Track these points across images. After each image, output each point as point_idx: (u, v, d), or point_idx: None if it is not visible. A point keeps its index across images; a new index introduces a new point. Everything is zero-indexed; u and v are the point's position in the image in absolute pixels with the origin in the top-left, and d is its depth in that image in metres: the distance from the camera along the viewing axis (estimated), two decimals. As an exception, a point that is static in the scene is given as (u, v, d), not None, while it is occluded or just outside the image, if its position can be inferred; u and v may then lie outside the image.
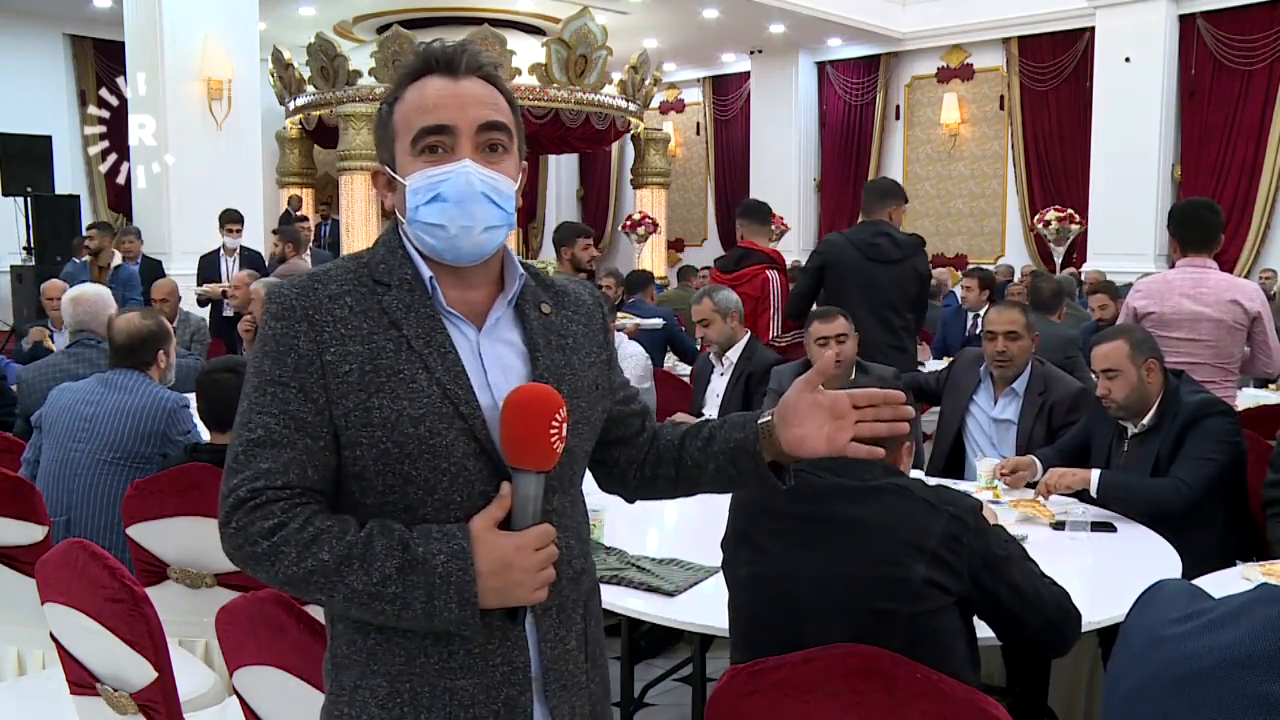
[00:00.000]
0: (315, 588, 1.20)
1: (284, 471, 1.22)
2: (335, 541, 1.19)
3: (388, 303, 1.28)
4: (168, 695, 1.90)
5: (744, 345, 4.42)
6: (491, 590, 1.20)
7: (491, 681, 1.27)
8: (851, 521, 1.89)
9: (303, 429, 1.23)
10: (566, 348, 1.35)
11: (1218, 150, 11.29)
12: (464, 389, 1.26)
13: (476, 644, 1.26)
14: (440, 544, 1.20)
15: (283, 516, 1.20)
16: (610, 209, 16.59)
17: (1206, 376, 3.75)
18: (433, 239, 1.28)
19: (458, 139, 1.28)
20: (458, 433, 1.24)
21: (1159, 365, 3.13)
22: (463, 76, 1.30)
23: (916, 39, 13.41)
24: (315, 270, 1.33)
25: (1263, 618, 1.11)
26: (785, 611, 1.90)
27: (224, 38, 8.55)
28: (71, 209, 9.79)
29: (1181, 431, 3.03)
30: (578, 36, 10.26)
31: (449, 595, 1.18)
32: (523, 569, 1.22)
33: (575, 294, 1.43)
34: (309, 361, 1.24)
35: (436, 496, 1.25)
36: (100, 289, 4.40)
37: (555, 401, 1.23)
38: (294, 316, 1.26)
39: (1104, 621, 2.26)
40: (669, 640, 3.76)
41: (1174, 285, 3.92)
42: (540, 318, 1.35)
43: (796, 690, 1.60)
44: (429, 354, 1.26)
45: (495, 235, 1.30)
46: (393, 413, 1.23)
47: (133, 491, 2.66)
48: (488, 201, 1.28)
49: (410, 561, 1.18)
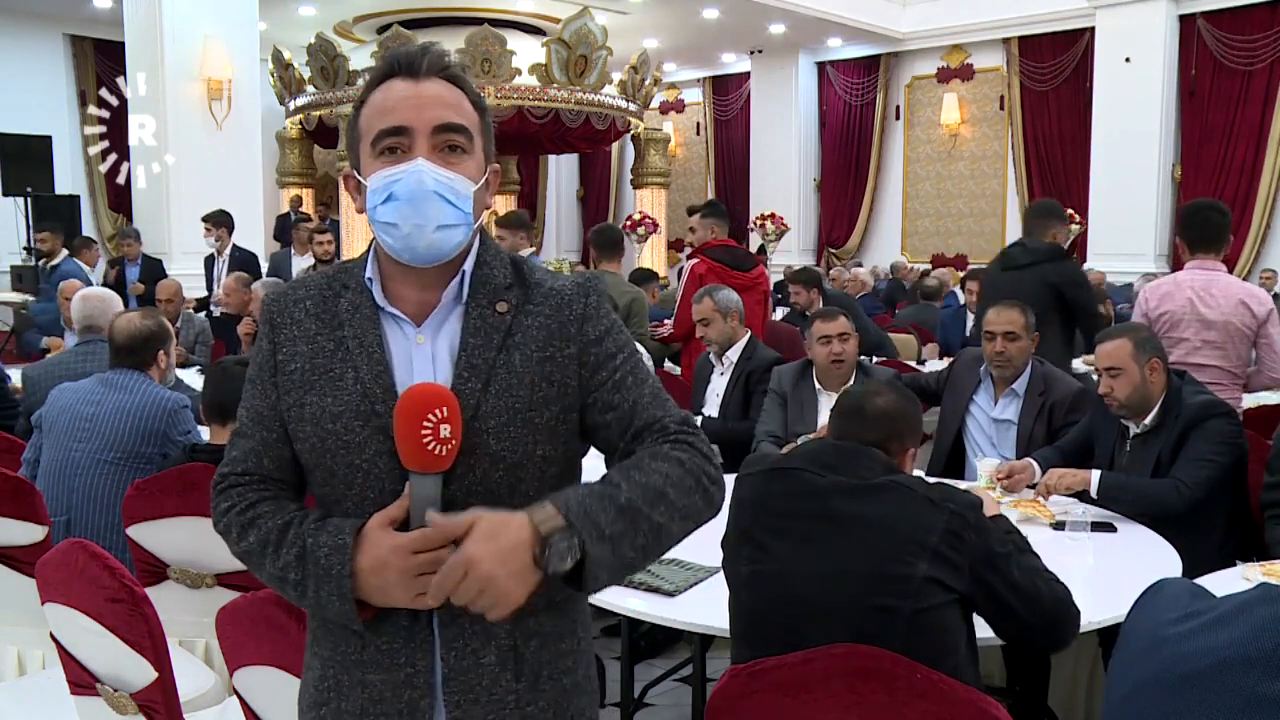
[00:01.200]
0: (251, 567, 1.34)
1: (244, 459, 1.36)
2: (262, 525, 1.31)
3: (342, 305, 1.35)
4: (168, 695, 1.90)
5: (744, 345, 4.41)
6: (372, 588, 1.24)
7: (397, 680, 1.30)
8: (853, 519, 1.90)
9: (261, 422, 1.36)
10: (509, 345, 1.31)
11: (1218, 150, 11.28)
12: (383, 387, 1.29)
13: (384, 640, 1.30)
14: (329, 537, 1.26)
15: (235, 500, 1.34)
16: (610, 209, 16.58)
17: (1214, 379, 3.74)
18: (389, 238, 1.30)
19: (414, 139, 1.29)
20: (371, 430, 1.28)
21: (1162, 365, 3.12)
22: (424, 78, 1.32)
23: (916, 39, 13.41)
24: (298, 277, 1.43)
25: (1261, 617, 1.11)
26: (787, 609, 1.91)
27: (224, 38, 8.55)
28: (71, 209, 9.79)
29: (1183, 432, 3.03)
30: (578, 36, 10.25)
31: (330, 587, 1.25)
32: (397, 570, 1.22)
33: (551, 288, 1.36)
34: (266, 360, 1.36)
35: (353, 492, 1.30)
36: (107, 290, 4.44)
37: (431, 402, 1.21)
38: (263, 319, 1.39)
39: (1104, 621, 2.26)
40: (669, 640, 3.76)
41: (1183, 286, 3.92)
42: (489, 316, 1.32)
43: (796, 690, 1.60)
44: (359, 353, 1.31)
45: (450, 235, 1.29)
46: (319, 409, 1.30)
47: (133, 491, 2.66)
48: (441, 200, 1.28)
49: (302, 552, 1.26)
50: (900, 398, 2.18)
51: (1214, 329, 3.83)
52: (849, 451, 2.03)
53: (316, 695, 1.35)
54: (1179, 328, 3.85)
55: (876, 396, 2.15)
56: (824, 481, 1.95)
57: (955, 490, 1.95)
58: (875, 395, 2.15)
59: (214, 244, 7.80)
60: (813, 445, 2.17)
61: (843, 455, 2.02)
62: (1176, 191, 11.48)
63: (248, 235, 8.48)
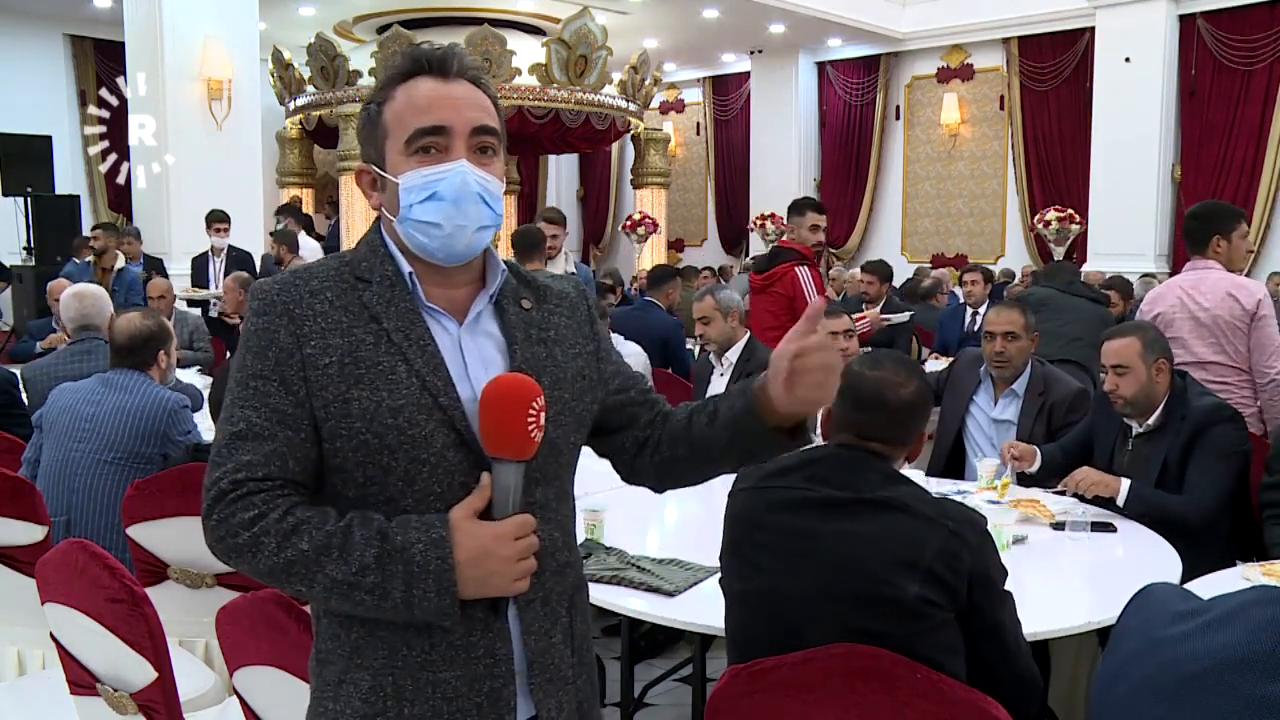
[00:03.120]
0: (296, 578, 1.21)
1: (265, 463, 1.24)
2: (315, 531, 1.21)
3: (368, 298, 1.30)
4: (168, 695, 1.90)
5: (743, 345, 4.42)
6: (471, 580, 1.22)
7: (475, 674, 1.27)
8: (842, 538, 1.82)
9: (283, 421, 1.25)
10: (548, 340, 1.37)
11: (1218, 150, 11.28)
12: (443, 380, 1.28)
13: (459, 636, 1.26)
14: (419, 533, 1.21)
15: (263, 507, 1.22)
16: (610, 209, 16.58)
17: (1219, 376, 3.73)
18: (426, 237, 1.30)
19: (452, 140, 1.30)
20: (437, 423, 1.26)
21: (1169, 366, 3.12)
22: (454, 79, 1.32)
23: (916, 39, 13.40)
24: (297, 268, 1.36)
25: (1258, 619, 1.11)
26: (777, 628, 1.85)
27: (224, 38, 8.54)
28: (71, 209, 9.77)
29: (1191, 438, 3.02)
30: (578, 36, 10.25)
31: (428, 584, 1.20)
32: (501, 558, 1.23)
33: (559, 289, 1.44)
34: (289, 355, 1.26)
35: (416, 488, 1.26)
36: (99, 288, 4.42)
37: (532, 390, 1.24)
38: (275, 311, 1.28)
39: (1104, 621, 2.26)
40: (669, 640, 3.76)
41: (1174, 287, 3.95)
42: (520, 312, 1.37)
43: (796, 690, 1.60)
44: (408, 346, 1.28)
45: (486, 235, 1.33)
46: (371, 404, 1.25)
47: (133, 491, 2.66)
48: (482, 202, 1.30)
49: (388, 551, 1.20)
50: (921, 383, 1.99)
51: (1205, 325, 3.82)
52: (849, 462, 1.90)
53: (367, 708, 1.27)
54: (1173, 327, 3.84)
55: (900, 386, 1.94)
56: (817, 496, 1.87)
57: (962, 509, 1.86)
58: (898, 385, 1.94)
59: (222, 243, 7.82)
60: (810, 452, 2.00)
61: (842, 466, 1.90)
62: (1176, 191, 11.48)
63: (248, 236, 8.48)
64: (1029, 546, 2.75)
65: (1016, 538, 2.74)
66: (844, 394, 1.93)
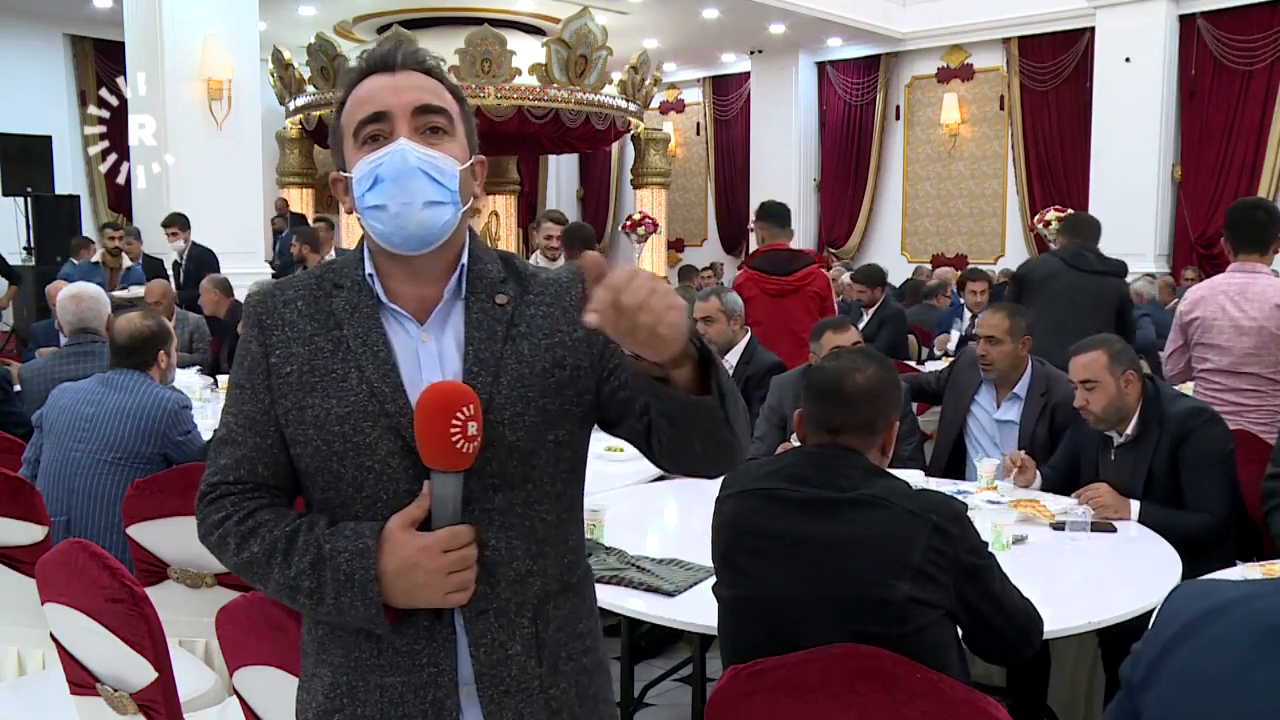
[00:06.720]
0: (254, 578, 1.30)
1: (236, 468, 1.31)
2: (266, 534, 1.27)
3: (337, 304, 1.32)
4: (168, 695, 1.90)
5: (743, 348, 4.41)
6: (398, 590, 1.23)
7: (419, 681, 1.28)
8: (829, 540, 1.82)
9: (253, 428, 1.31)
10: (515, 335, 1.32)
11: (1218, 150, 11.27)
12: (391, 386, 1.28)
13: (403, 643, 1.28)
14: (347, 542, 1.24)
15: (230, 510, 1.30)
16: (610, 209, 16.57)
17: (1253, 385, 3.65)
18: (379, 223, 1.29)
19: (394, 124, 1.29)
20: (382, 430, 1.26)
21: (1138, 375, 3.09)
22: (400, 71, 1.32)
23: (916, 39, 13.39)
24: (282, 278, 1.40)
25: None
26: (769, 635, 1.84)
27: (224, 38, 8.53)
28: (71, 209, 9.78)
29: (1174, 445, 2.99)
30: (578, 36, 10.24)
31: (354, 593, 1.23)
32: (428, 570, 1.22)
33: (548, 277, 1.39)
34: (258, 363, 1.32)
35: (364, 494, 1.28)
36: (97, 287, 4.41)
37: (456, 400, 1.21)
38: (250, 321, 1.35)
39: (1104, 621, 2.26)
40: (669, 640, 3.76)
41: (1217, 290, 3.77)
42: (487, 308, 1.33)
43: (796, 690, 1.61)
44: (362, 352, 1.29)
45: (438, 212, 1.28)
46: (322, 411, 1.28)
47: (133, 491, 2.66)
48: (425, 177, 1.27)
49: (321, 558, 1.24)
50: (880, 368, 1.97)
51: (1248, 335, 3.64)
52: (824, 459, 1.91)
53: (327, 703, 1.32)
54: (1211, 333, 3.70)
55: (855, 372, 1.94)
56: (799, 497, 1.86)
57: (939, 497, 1.86)
58: (853, 371, 1.94)
59: (181, 247, 7.80)
60: (788, 455, 2.03)
61: (817, 464, 1.90)
62: (1176, 191, 11.48)
63: (249, 235, 8.48)
64: (1029, 546, 2.75)
65: (1016, 538, 2.74)
66: (808, 390, 1.99)
